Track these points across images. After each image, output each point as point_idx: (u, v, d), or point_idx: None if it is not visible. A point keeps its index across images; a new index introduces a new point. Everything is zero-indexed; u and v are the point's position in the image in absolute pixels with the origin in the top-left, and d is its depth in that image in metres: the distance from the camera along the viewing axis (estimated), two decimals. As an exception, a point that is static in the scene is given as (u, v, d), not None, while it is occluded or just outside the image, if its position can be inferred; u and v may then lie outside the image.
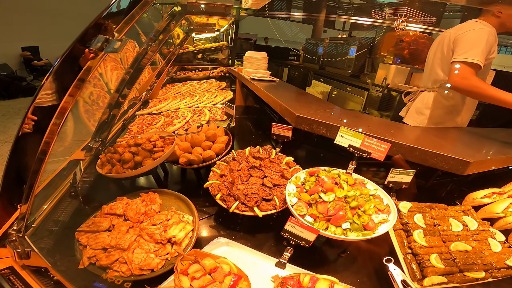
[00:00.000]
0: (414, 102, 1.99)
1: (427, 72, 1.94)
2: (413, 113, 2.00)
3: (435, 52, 1.86)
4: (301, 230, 0.98)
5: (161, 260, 0.99)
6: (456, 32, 1.71)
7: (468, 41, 1.63)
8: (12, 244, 0.88)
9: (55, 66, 0.71)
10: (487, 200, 1.33)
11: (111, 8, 0.71)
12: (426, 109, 1.82)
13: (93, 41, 0.68)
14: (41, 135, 0.78)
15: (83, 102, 2.01)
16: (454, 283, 0.95)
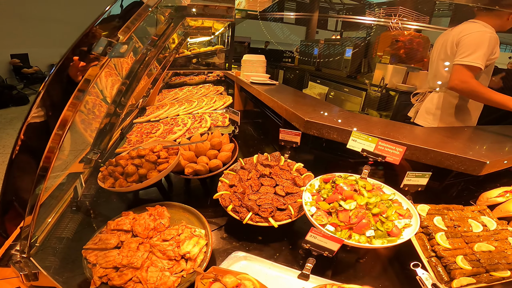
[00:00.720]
0: (424, 103, 1.99)
1: (432, 73, 1.95)
2: (424, 113, 2.01)
3: (439, 53, 1.87)
4: (324, 240, 0.93)
5: (177, 278, 0.93)
6: (458, 34, 1.73)
7: (470, 44, 1.65)
8: (18, 266, 0.80)
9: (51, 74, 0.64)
10: (501, 199, 1.32)
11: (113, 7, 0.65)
12: (436, 109, 1.84)
13: (95, 45, 0.61)
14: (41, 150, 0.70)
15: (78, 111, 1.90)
16: (482, 283, 0.93)
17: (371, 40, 3.37)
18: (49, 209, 1.20)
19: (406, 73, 2.89)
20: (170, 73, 4.59)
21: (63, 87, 0.68)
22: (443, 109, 1.82)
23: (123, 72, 1.62)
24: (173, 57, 3.05)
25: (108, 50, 0.61)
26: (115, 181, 1.23)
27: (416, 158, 1.27)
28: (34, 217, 0.79)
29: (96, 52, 0.61)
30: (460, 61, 1.66)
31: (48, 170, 0.81)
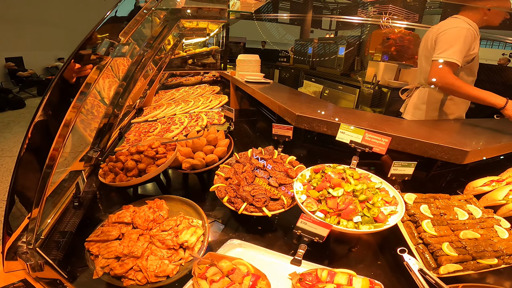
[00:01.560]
0: (411, 98, 2.05)
1: (418, 69, 2.01)
2: (411, 108, 2.06)
3: (423, 49, 1.93)
4: (314, 226, 0.99)
5: (176, 266, 0.98)
6: (437, 30, 1.78)
7: (446, 40, 1.70)
8: (25, 257, 0.85)
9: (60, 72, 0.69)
10: (487, 188, 1.36)
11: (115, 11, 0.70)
12: (422, 104, 1.89)
13: (98, 46, 0.67)
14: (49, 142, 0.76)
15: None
16: (470, 271, 0.96)
17: (364, 38, 3.45)
18: (53, 204, 1.25)
19: (398, 70, 2.96)
20: (166, 74, 4.65)
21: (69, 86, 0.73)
22: (429, 103, 1.88)
23: (120, 73, 1.67)
24: (169, 58, 3.10)
25: (110, 51, 0.67)
26: (116, 176, 1.28)
27: (402, 149, 1.33)
28: (41, 208, 0.85)
29: (99, 53, 0.67)
30: (437, 57, 1.71)
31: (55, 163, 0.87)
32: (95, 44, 0.68)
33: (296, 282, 0.89)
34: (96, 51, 0.68)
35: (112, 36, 0.69)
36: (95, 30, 0.67)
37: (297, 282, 0.89)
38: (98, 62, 0.70)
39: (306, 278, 0.89)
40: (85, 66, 0.70)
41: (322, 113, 1.56)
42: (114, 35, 0.70)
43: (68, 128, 0.77)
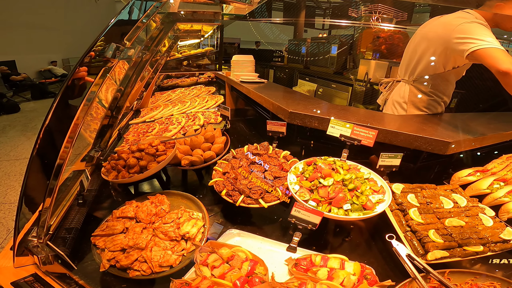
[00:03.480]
0: (392, 94, 2.07)
1: (404, 64, 1.97)
2: (391, 105, 2.06)
3: (418, 43, 1.81)
4: (307, 214, 1.06)
5: (178, 256, 1.04)
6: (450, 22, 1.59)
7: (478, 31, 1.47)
8: (35, 250, 0.90)
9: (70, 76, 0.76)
10: (472, 178, 1.42)
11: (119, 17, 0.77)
12: (403, 102, 1.90)
13: (106, 50, 0.74)
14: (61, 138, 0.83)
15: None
16: (456, 257, 0.99)
17: (356, 37, 3.55)
18: (58, 202, 1.31)
19: (389, 68, 3.06)
20: (162, 76, 4.70)
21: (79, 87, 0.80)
22: (409, 101, 1.89)
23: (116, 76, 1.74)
24: (164, 60, 3.17)
25: (117, 54, 0.74)
26: (118, 173, 1.35)
27: (389, 141, 1.41)
28: (53, 198, 0.91)
29: (107, 56, 0.74)
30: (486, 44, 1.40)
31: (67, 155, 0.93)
32: (102, 48, 0.75)
33: (292, 267, 0.96)
34: (104, 54, 0.74)
35: (117, 40, 0.76)
36: (102, 35, 0.74)
37: (292, 266, 0.96)
38: (105, 64, 0.77)
39: (301, 263, 0.96)
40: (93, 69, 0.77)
41: (314, 110, 1.64)
42: (120, 40, 0.76)
43: (78, 124, 0.83)
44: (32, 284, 0.92)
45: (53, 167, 0.86)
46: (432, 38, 1.72)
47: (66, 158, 0.87)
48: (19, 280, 0.93)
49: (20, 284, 0.90)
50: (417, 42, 1.84)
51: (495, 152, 1.64)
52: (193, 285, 0.82)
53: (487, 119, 1.78)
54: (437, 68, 1.75)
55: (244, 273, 0.89)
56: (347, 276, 0.89)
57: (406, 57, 1.95)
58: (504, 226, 1.11)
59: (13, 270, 0.98)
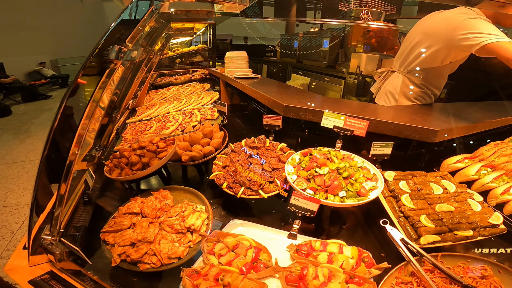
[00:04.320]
0: (385, 84, 2.13)
1: (401, 56, 1.98)
2: (383, 95, 2.12)
3: (417, 37, 1.83)
4: (305, 202, 1.11)
5: (185, 247, 1.08)
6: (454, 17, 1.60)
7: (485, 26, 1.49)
8: (50, 248, 0.93)
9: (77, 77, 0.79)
10: (460, 165, 1.47)
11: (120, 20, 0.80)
12: (395, 92, 1.96)
13: (110, 52, 0.77)
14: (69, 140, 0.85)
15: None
16: (448, 242, 1.03)
17: (347, 31, 3.59)
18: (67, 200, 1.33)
19: (380, 60, 3.12)
20: (155, 75, 4.67)
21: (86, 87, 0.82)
22: (401, 92, 1.94)
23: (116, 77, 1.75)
24: (158, 59, 3.16)
25: (120, 56, 0.76)
26: (121, 171, 1.38)
27: (380, 131, 1.47)
28: (64, 200, 0.94)
29: (111, 58, 0.76)
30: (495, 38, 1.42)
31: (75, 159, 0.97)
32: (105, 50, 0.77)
33: (293, 252, 1.01)
34: (108, 56, 0.77)
35: (120, 42, 0.78)
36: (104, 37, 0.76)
37: (294, 252, 1.01)
38: (109, 66, 0.80)
39: (302, 249, 1.02)
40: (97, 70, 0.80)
41: (308, 103, 1.68)
42: (122, 42, 0.79)
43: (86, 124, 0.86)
44: (49, 282, 0.94)
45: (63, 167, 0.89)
46: (433, 33, 1.73)
47: (76, 158, 0.90)
48: (35, 278, 0.96)
49: (38, 282, 0.93)
50: (416, 35, 1.86)
51: (488, 141, 1.69)
52: (203, 273, 0.87)
53: (475, 109, 1.85)
54: (434, 62, 1.78)
55: (249, 260, 0.94)
56: (346, 259, 0.95)
57: (403, 49, 1.98)
58: (492, 211, 1.14)
59: (28, 269, 1.00)
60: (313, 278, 0.88)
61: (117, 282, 1.00)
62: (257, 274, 0.90)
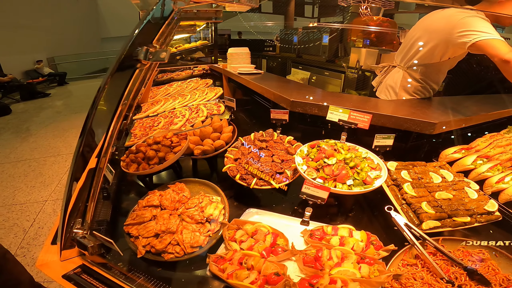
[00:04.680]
0: (386, 78, 2.17)
1: (402, 51, 2.01)
2: (384, 89, 2.17)
3: (418, 34, 1.86)
4: (316, 190, 1.18)
5: (205, 237, 1.12)
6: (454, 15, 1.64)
7: (481, 24, 1.52)
8: (84, 241, 0.97)
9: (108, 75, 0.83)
10: (458, 155, 1.53)
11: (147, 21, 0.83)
12: (396, 87, 2.01)
13: (140, 52, 0.80)
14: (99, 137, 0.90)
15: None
16: (447, 227, 1.08)
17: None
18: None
19: (379, 55, 3.16)
20: (156, 71, 4.66)
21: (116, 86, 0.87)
22: (401, 87, 1.99)
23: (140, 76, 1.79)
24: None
25: (149, 56, 0.80)
26: (138, 165, 1.42)
27: (382, 124, 1.53)
28: (98, 187, 0.98)
29: (139, 58, 0.80)
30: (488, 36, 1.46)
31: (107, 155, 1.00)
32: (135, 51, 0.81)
33: (307, 237, 1.08)
34: (137, 56, 0.81)
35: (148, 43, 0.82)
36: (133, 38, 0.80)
37: (308, 237, 1.08)
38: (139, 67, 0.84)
39: (315, 233, 1.08)
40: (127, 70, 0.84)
41: (311, 98, 1.74)
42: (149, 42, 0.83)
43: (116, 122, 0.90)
44: (81, 275, 0.98)
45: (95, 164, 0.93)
46: (433, 30, 1.77)
47: (108, 153, 0.94)
48: (69, 273, 0.98)
49: (71, 277, 0.95)
50: (417, 32, 1.89)
51: (485, 133, 1.75)
52: (227, 258, 0.93)
53: (471, 102, 1.90)
54: (433, 58, 1.83)
55: (268, 245, 1.01)
56: (356, 242, 1.02)
57: (404, 45, 2.02)
58: (487, 199, 1.19)
59: (59, 263, 1.02)
60: (328, 259, 0.95)
61: (145, 273, 1.04)
62: (276, 257, 0.96)
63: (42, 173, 3.89)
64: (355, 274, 0.90)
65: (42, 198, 3.31)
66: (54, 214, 3.03)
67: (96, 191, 1.03)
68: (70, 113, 7.04)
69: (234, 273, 0.87)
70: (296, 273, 0.96)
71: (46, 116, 6.96)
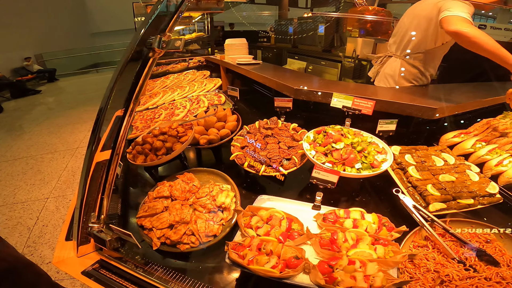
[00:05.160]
0: (383, 67, 2.16)
1: (397, 41, 2.01)
2: (383, 77, 2.15)
3: (410, 22, 1.89)
4: (326, 175, 1.16)
5: (219, 225, 1.10)
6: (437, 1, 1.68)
7: (458, 5, 1.55)
8: (101, 235, 0.93)
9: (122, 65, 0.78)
10: (457, 139, 1.53)
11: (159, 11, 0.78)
12: (395, 75, 2.00)
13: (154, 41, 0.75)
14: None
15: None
16: (452, 209, 1.08)
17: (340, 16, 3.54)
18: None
19: (375, 45, 3.13)
20: (152, 64, 4.52)
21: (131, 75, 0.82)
22: (399, 75, 1.98)
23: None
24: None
25: (162, 45, 0.75)
26: (146, 157, 1.38)
27: (385, 109, 1.52)
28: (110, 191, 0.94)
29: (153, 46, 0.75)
30: (454, 13, 1.51)
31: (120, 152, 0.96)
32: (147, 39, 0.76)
33: (321, 221, 1.07)
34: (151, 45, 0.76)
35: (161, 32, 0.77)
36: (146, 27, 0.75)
37: (322, 220, 1.07)
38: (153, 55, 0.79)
39: (328, 217, 1.07)
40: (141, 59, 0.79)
41: (317, 85, 1.71)
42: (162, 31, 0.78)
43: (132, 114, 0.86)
44: (99, 271, 0.94)
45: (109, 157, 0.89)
46: (423, 16, 1.78)
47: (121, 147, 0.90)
48: (87, 269, 0.95)
49: (91, 273, 0.92)
50: (408, 20, 1.90)
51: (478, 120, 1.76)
52: (246, 244, 0.91)
53: (467, 89, 1.92)
54: (428, 44, 1.83)
55: (284, 229, 0.99)
56: (369, 224, 1.02)
57: (398, 35, 2.01)
58: (488, 181, 1.19)
59: (77, 260, 0.99)
60: (344, 241, 0.94)
61: (162, 265, 1.02)
62: (293, 241, 0.95)
63: (40, 170, 3.77)
64: (371, 255, 0.89)
65: (43, 196, 3.22)
66: (57, 211, 2.95)
67: (111, 184, 0.98)
68: (64, 109, 6.80)
69: (255, 259, 0.86)
70: (313, 256, 0.95)
71: (39, 113, 6.71)
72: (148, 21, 0.77)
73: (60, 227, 2.72)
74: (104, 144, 1.04)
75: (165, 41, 0.75)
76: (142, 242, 1.08)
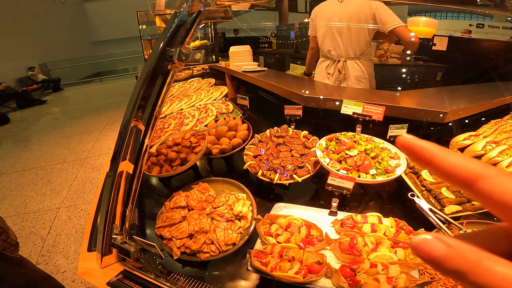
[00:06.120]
0: (349, 72, 2.17)
1: (346, 41, 2.10)
2: (354, 81, 2.18)
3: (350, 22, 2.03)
4: (341, 181, 1.18)
5: (237, 234, 1.11)
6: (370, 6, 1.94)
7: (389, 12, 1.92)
8: (124, 246, 0.95)
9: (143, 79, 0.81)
10: (467, 142, 1.53)
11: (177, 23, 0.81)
12: (364, 79, 2.12)
13: (174, 54, 0.78)
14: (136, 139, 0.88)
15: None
16: (468, 211, 1.08)
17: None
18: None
19: (376, 47, 3.16)
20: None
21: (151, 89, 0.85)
22: (369, 74, 2.16)
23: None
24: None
25: (182, 58, 0.78)
26: (161, 168, 1.40)
27: (395, 115, 1.54)
28: (136, 193, 0.96)
29: (173, 59, 0.78)
30: (400, 24, 1.88)
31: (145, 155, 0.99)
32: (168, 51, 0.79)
33: (339, 227, 1.09)
34: (172, 58, 0.79)
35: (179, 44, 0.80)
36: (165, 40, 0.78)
37: (339, 226, 1.09)
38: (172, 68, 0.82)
39: (346, 222, 1.09)
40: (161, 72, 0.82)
41: (326, 92, 1.73)
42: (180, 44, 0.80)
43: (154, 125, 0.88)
44: (124, 281, 0.95)
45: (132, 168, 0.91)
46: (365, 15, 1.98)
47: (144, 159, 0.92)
48: (112, 279, 0.96)
49: (115, 283, 0.92)
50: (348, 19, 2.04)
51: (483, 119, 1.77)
52: (267, 252, 0.93)
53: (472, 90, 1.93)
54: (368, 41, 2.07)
55: (304, 236, 1.01)
56: (387, 228, 1.03)
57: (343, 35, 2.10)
58: None
59: (100, 270, 1.00)
60: (363, 246, 0.95)
61: (184, 274, 1.03)
62: (313, 247, 0.97)
63: (50, 180, 3.81)
64: (392, 258, 0.91)
65: (55, 206, 3.25)
66: (70, 220, 2.98)
67: (135, 196, 1.00)
68: (70, 119, 6.87)
69: (277, 266, 0.87)
70: (333, 261, 0.96)
71: (46, 123, 6.78)
72: (166, 34, 0.79)
73: (73, 236, 2.75)
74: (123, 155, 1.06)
75: (184, 53, 0.78)
76: (162, 251, 1.10)
